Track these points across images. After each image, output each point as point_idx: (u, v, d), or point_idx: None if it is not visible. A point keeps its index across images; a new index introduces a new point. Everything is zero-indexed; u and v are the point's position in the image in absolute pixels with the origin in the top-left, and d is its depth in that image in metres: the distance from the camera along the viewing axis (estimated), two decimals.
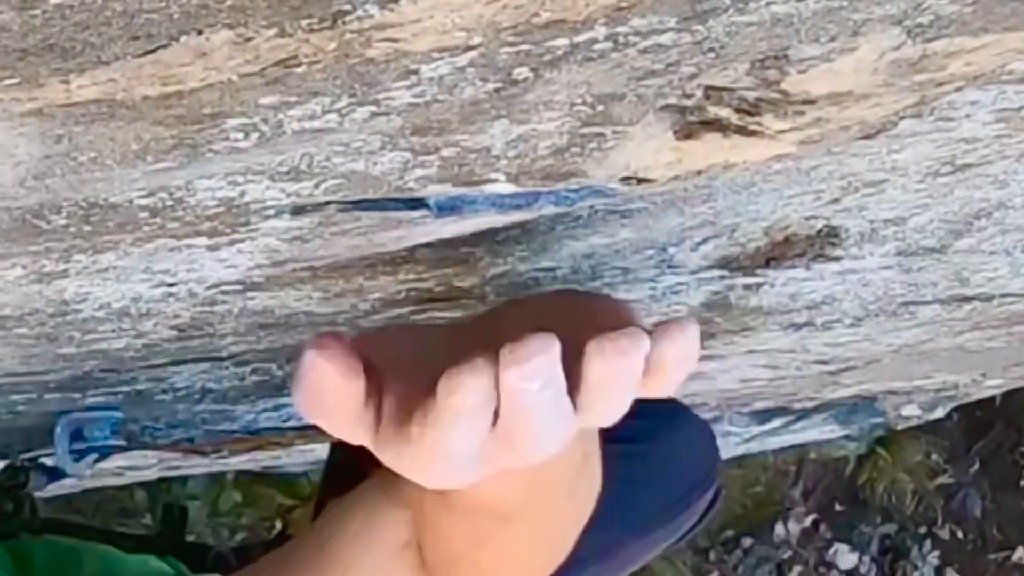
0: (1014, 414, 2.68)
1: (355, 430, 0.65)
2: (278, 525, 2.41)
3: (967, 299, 1.17)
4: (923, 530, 2.68)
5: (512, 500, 0.72)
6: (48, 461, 1.20)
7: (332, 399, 0.63)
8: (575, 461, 0.73)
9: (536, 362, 0.60)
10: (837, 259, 0.96)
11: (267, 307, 0.82)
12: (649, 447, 1.46)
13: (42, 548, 1.10)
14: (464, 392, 0.59)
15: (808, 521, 2.65)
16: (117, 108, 0.48)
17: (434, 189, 0.59)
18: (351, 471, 0.87)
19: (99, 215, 0.60)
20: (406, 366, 0.63)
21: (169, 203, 0.59)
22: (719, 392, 1.68)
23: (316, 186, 0.59)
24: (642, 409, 0.65)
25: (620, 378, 0.62)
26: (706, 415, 1.65)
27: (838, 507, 2.67)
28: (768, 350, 1.34)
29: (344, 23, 0.45)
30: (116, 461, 1.42)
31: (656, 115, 0.58)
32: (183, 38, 0.44)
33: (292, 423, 1.36)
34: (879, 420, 2.24)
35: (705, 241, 0.86)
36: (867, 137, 0.66)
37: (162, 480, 2.05)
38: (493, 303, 0.88)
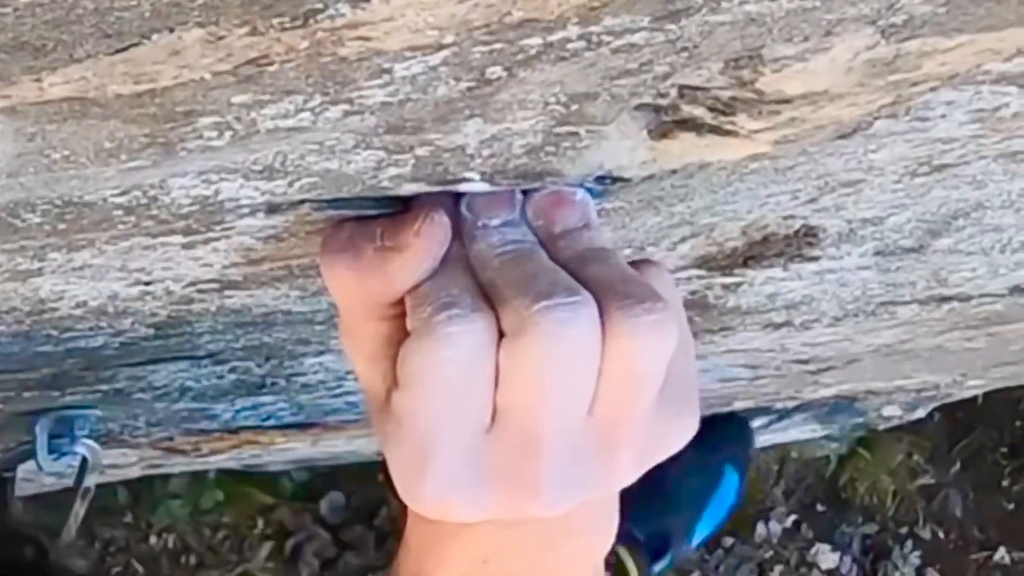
0: (995, 415, 2.68)
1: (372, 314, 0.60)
2: (260, 523, 2.42)
3: (946, 299, 1.17)
4: (904, 530, 2.68)
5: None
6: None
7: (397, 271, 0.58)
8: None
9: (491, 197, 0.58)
10: (815, 259, 0.96)
11: (245, 305, 0.82)
12: None
13: None
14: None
15: (789, 521, 2.65)
16: (90, 106, 0.48)
17: (408, 188, 0.59)
18: None
19: (74, 213, 0.60)
20: None
21: (143, 201, 0.59)
22: (700, 392, 1.68)
23: (290, 184, 0.59)
24: None
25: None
26: None
27: (819, 507, 2.68)
28: (747, 350, 1.34)
29: (316, 21, 0.44)
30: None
31: (630, 114, 0.58)
32: (155, 36, 0.44)
33: (271, 422, 1.36)
34: (860, 420, 2.25)
35: (683, 241, 0.86)
36: (843, 137, 0.66)
37: (143, 479, 2.05)
38: None
